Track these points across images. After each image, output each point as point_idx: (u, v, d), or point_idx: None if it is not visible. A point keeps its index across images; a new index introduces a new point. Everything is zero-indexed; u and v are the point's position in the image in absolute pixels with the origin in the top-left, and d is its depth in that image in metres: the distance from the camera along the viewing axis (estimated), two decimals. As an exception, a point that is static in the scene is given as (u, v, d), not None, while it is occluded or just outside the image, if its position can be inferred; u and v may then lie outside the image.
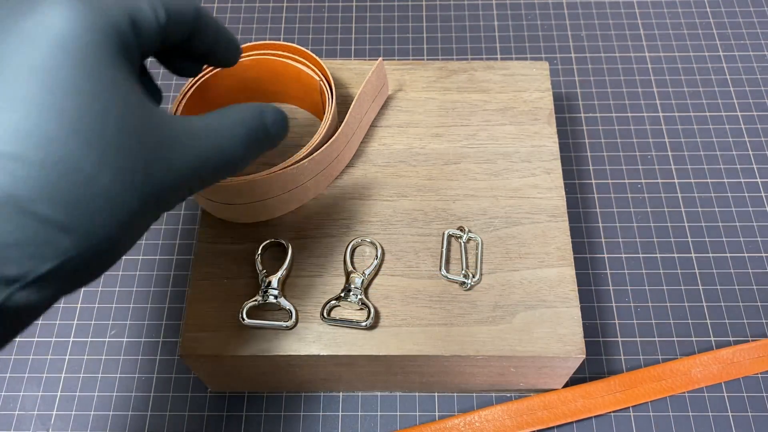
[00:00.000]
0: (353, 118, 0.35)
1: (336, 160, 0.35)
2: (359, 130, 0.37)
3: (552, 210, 0.36)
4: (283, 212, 0.35)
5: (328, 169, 0.35)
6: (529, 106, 0.39)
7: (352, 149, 0.37)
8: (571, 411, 0.36)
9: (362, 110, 0.36)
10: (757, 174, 0.45)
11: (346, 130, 0.35)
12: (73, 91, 0.16)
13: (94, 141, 0.16)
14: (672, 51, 0.51)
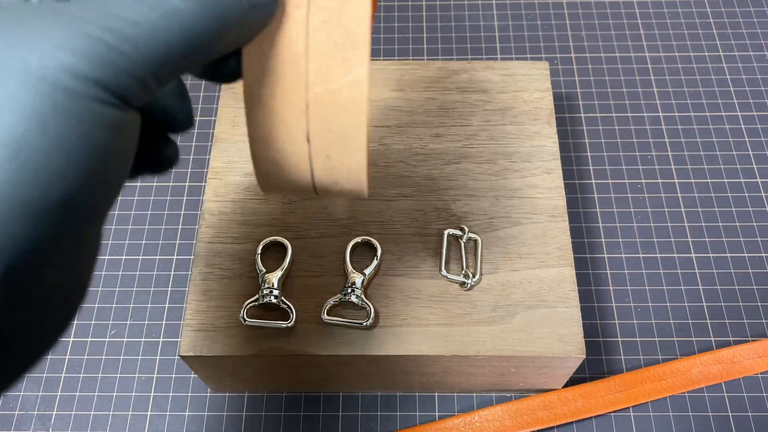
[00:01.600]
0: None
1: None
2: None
3: (552, 210, 0.36)
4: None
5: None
6: (529, 106, 0.39)
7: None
8: (571, 411, 0.36)
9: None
10: (757, 174, 0.45)
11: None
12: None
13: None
14: (672, 51, 0.51)
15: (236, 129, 0.39)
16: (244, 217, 0.36)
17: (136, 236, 0.43)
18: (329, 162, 0.21)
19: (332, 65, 0.19)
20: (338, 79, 0.19)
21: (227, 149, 0.38)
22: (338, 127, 0.20)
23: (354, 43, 0.19)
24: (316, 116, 0.19)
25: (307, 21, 0.19)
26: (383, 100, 0.40)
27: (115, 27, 0.16)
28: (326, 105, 0.19)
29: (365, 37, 0.19)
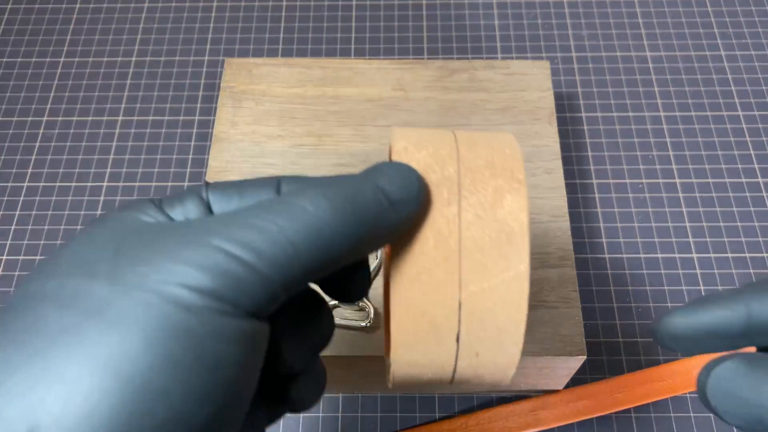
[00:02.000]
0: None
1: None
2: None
3: (553, 210, 0.36)
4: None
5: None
6: (529, 105, 0.39)
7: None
8: (572, 412, 0.36)
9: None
10: (759, 174, 0.45)
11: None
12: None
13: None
14: (673, 50, 0.51)
15: (235, 129, 0.39)
16: (243, 218, 0.36)
17: (135, 236, 0.43)
18: (477, 359, 0.19)
19: (488, 263, 0.18)
20: (495, 276, 0.18)
21: (226, 149, 0.38)
22: (493, 325, 0.18)
23: (511, 239, 0.18)
24: (470, 316, 0.18)
25: (459, 216, 0.18)
26: (383, 99, 0.40)
27: (242, 237, 0.15)
28: (481, 304, 0.18)
29: (524, 231, 0.18)
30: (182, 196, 0.19)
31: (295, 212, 0.16)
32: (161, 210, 0.18)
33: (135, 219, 0.17)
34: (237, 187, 0.19)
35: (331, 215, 0.16)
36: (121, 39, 0.52)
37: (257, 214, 0.16)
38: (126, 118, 0.48)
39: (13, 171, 0.46)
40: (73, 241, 0.17)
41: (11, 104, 0.49)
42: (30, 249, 0.43)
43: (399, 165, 0.18)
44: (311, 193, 0.17)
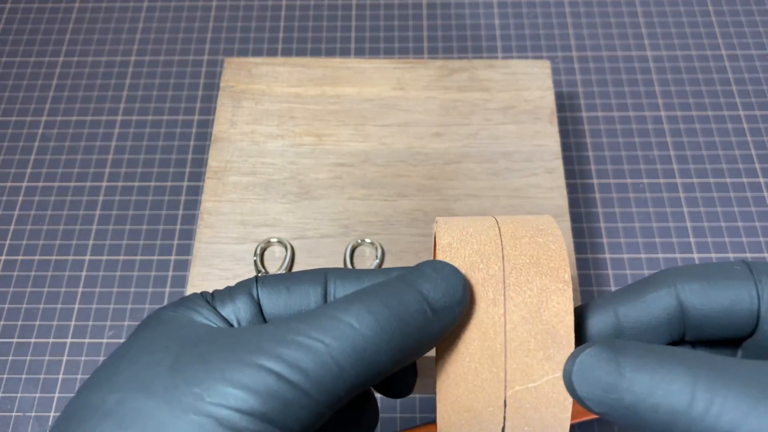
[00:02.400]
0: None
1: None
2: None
3: (554, 210, 0.36)
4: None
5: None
6: (530, 105, 0.39)
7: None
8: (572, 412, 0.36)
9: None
10: (760, 174, 0.45)
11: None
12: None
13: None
14: (674, 49, 0.51)
15: (234, 128, 0.39)
16: (242, 217, 0.36)
17: (133, 237, 0.43)
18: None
19: (533, 363, 0.18)
20: (540, 377, 0.18)
21: (225, 148, 0.38)
22: (539, 422, 0.19)
23: (557, 340, 0.18)
24: (515, 413, 0.19)
25: (504, 317, 0.18)
26: (383, 98, 0.40)
27: (290, 357, 0.16)
28: (526, 402, 0.18)
29: (569, 333, 0.18)
30: (233, 293, 0.20)
31: (342, 330, 0.17)
32: (213, 309, 0.19)
33: (189, 321, 0.18)
34: (285, 282, 0.20)
35: (377, 333, 0.17)
36: (120, 38, 0.52)
37: (305, 331, 0.17)
38: (125, 118, 0.48)
39: (12, 171, 0.46)
40: (131, 348, 0.17)
41: (10, 104, 0.49)
42: (29, 249, 0.43)
43: (443, 268, 0.18)
44: (357, 308, 0.17)
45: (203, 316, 0.19)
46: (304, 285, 0.20)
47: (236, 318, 0.19)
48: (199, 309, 0.19)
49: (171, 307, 0.19)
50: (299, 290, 0.20)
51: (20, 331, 0.40)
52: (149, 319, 0.19)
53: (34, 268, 0.42)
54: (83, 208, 0.44)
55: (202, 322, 0.18)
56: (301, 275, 0.20)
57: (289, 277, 0.20)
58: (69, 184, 0.45)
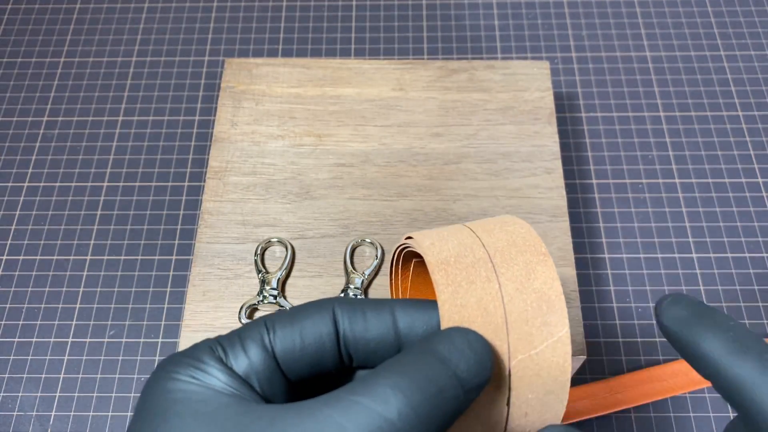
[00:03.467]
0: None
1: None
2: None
3: (553, 210, 0.36)
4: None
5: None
6: (529, 105, 0.39)
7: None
8: (572, 412, 0.36)
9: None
10: (759, 174, 0.45)
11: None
12: None
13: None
14: (673, 50, 0.51)
15: (235, 129, 0.39)
16: (243, 217, 0.36)
17: (134, 236, 0.43)
18: (525, 419, 0.20)
19: (533, 331, 0.19)
20: (540, 343, 0.19)
21: (226, 149, 0.38)
22: (541, 388, 0.19)
23: (551, 306, 0.19)
24: (519, 381, 0.19)
25: (500, 292, 0.19)
26: (383, 99, 0.40)
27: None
28: (529, 369, 0.19)
29: (560, 297, 0.19)
30: (246, 345, 0.19)
31: (383, 427, 0.16)
32: (228, 369, 0.18)
33: (206, 398, 0.17)
34: (295, 325, 0.19)
35: (417, 426, 0.16)
36: (122, 39, 0.52)
37: (332, 422, 0.16)
38: (126, 118, 0.48)
39: (14, 171, 0.46)
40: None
41: (11, 104, 0.49)
42: (30, 249, 0.43)
43: (476, 342, 0.18)
44: (397, 401, 0.16)
45: (221, 381, 0.18)
46: (315, 325, 0.19)
47: (255, 376, 0.18)
48: (215, 372, 0.18)
49: (185, 368, 0.18)
50: (310, 331, 0.19)
51: (21, 330, 0.40)
52: (172, 393, 0.17)
53: (36, 268, 0.42)
54: (84, 208, 0.44)
55: (230, 398, 0.17)
56: (307, 312, 0.20)
57: (298, 320, 0.19)
58: (70, 184, 0.45)
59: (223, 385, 0.18)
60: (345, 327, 0.20)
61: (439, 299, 0.19)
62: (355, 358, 0.20)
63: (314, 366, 0.20)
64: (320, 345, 0.19)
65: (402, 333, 0.20)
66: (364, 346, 0.20)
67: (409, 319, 0.20)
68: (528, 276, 0.20)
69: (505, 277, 0.20)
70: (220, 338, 0.19)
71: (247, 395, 0.18)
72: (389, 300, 0.21)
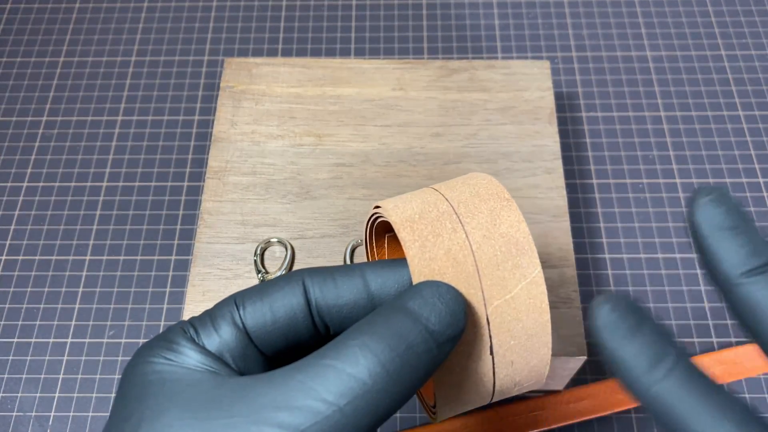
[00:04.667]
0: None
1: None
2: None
3: (553, 210, 0.36)
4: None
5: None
6: (530, 105, 0.39)
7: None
8: (572, 412, 0.36)
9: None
10: (759, 174, 0.45)
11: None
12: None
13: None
14: (673, 50, 0.51)
15: (234, 128, 0.39)
16: (243, 217, 0.36)
17: (134, 236, 0.43)
18: (512, 367, 0.20)
19: (505, 275, 0.19)
20: (515, 286, 0.19)
21: (226, 149, 0.38)
22: (522, 332, 0.19)
23: (520, 248, 0.19)
24: (498, 328, 0.19)
25: (468, 240, 0.19)
26: (383, 99, 0.40)
27: (291, 422, 0.15)
28: (507, 315, 0.19)
29: (528, 239, 0.19)
30: (217, 323, 0.19)
31: (354, 389, 0.16)
32: (200, 348, 0.18)
33: (180, 377, 0.17)
34: (266, 300, 0.19)
35: (389, 384, 0.16)
36: (121, 38, 0.52)
37: (303, 387, 0.16)
38: (125, 118, 0.48)
39: (13, 171, 0.46)
40: (143, 424, 0.17)
41: (10, 104, 0.49)
42: (29, 249, 0.43)
43: (447, 294, 0.18)
44: (367, 360, 0.16)
45: (194, 360, 0.18)
46: (285, 298, 0.19)
47: (228, 353, 0.19)
48: (187, 351, 0.18)
49: (160, 350, 0.18)
50: (281, 305, 0.19)
51: (21, 330, 0.40)
52: (147, 375, 0.18)
53: (35, 268, 0.42)
54: (84, 208, 0.44)
55: (201, 373, 0.17)
56: (279, 289, 0.20)
57: (268, 294, 0.19)
58: (69, 184, 0.45)
59: (197, 363, 0.18)
60: (317, 296, 0.20)
61: (408, 255, 0.19)
62: (331, 326, 0.20)
63: (289, 338, 0.20)
64: (292, 317, 0.19)
65: (375, 295, 0.20)
66: (338, 312, 0.20)
67: (381, 280, 0.20)
68: (494, 222, 0.20)
69: (470, 226, 0.19)
70: (192, 319, 0.19)
71: (221, 370, 0.18)
72: (359, 264, 0.21)
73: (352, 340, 0.17)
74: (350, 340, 0.17)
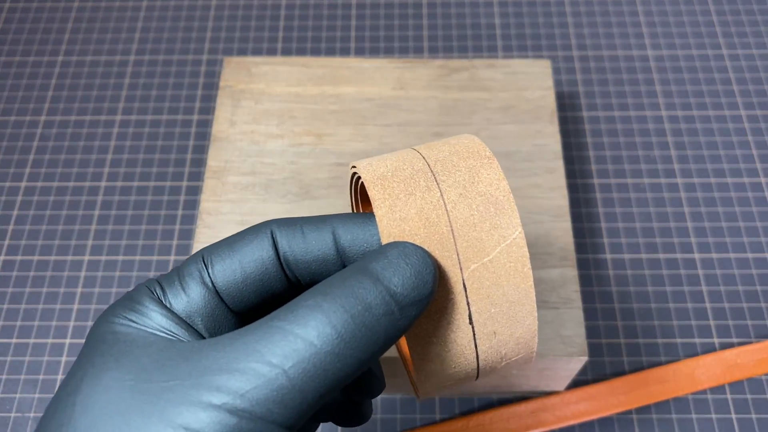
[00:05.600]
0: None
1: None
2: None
3: (554, 210, 0.36)
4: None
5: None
6: (531, 104, 0.39)
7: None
8: (573, 413, 0.36)
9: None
10: (761, 173, 0.45)
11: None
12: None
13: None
14: (674, 49, 0.51)
15: (234, 128, 0.39)
16: (242, 217, 0.36)
17: (132, 237, 0.43)
18: (495, 338, 0.18)
19: (482, 236, 0.18)
20: (493, 249, 0.18)
21: (225, 148, 0.38)
22: (503, 299, 0.18)
23: (499, 208, 0.18)
24: (477, 294, 0.18)
25: (442, 199, 0.18)
26: (383, 98, 0.39)
27: (244, 388, 0.15)
28: (485, 279, 0.18)
29: (508, 197, 0.18)
30: (185, 283, 0.18)
31: (301, 351, 0.15)
32: (167, 309, 0.18)
33: (142, 338, 0.17)
34: (235, 256, 0.19)
35: (341, 348, 0.15)
36: (119, 37, 0.52)
37: (259, 354, 0.15)
38: (124, 117, 0.48)
39: (11, 170, 0.46)
40: (83, 384, 0.16)
41: (9, 103, 0.49)
42: (27, 249, 0.43)
43: (413, 254, 0.17)
44: (317, 321, 0.15)
45: (157, 323, 0.17)
46: (253, 250, 0.19)
47: (197, 314, 0.18)
48: (152, 313, 0.18)
49: (123, 311, 0.18)
50: (250, 258, 0.19)
51: (19, 331, 0.40)
52: (103, 335, 0.17)
53: (33, 268, 0.42)
54: (82, 207, 0.44)
55: (156, 337, 0.17)
56: (247, 243, 0.19)
57: (237, 249, 0.19)
58: (68, 184, 0.45)
59: (156, 326, 0.17)
60: (284, 249, 0.19)
61: (377, 215, 0.18)
62: (301, 279, 0.19)
63: (262, 292, 0.19)
64: (263, 271, 0.19)
65: (345, 251, 0.19)
66: (306, 268, 0.19)
67: (350, 237, 0.19)
68: (472, 180, 0.18)
69: (446, 185, 0.18)
70: (160, 278, 0.19)
71: (182, 334, 0.17)
72: (330, 216, 0.19)
73: (305, 301, 0.16)
74: (303, 301, 0.16)
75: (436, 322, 0.18)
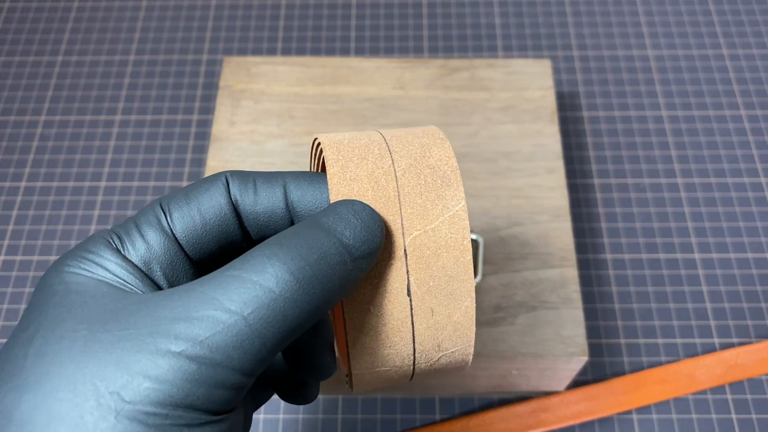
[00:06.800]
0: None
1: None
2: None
3: (554, 210, 0.36)
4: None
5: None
6: (531, 104, 0.39)
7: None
8: (573, 413, 0.36)
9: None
10: (761, 173, 0.45)
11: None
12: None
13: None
14: (675, 49, 0.51)
15: (234, 128, 0.39)
16: (242, 218, 0.36)
17: (133, 236, 0.43)
18: (433, 318, 0.19)
19: (427, 204, 0.18)
20: (436, 218, 0.18)
21: (225, 148, 0.38)
22: (441, 271, 0.18)
23: (445, 180, 0.19)
24: (417, 263, 0.18)
25: (393, 167, 0.19)
26: (383, 98, 0.39)
27: (203, 335, 0.15)
28: (426, 248, 0.18)
29: (455, 172, 0.19)
30: (142, 228, 0.18)
31: (260, 297, 0.15)
32: (123, 259, 0.18)
33: (96, 287, 0.17)
34: (192, 203, 0.19)
35: (298, 294, 0.16)
36: (119, 37, 0.52)
37: (217, 301, 0.15)
38: (124, 117, 0.48)
39: (11, 170, 0.46)
40: (38, 334, 0.16)
41: (8, 103, 0.49)
42: (27, 249, 0.43)
43: (362, 212, 0.17)
44: (276, 269, 0.16)
45: (112, 273, 0.17)
46: (213, 199, 0.19)
47: (155, 262, 0.18)
48: (107, 263, 0.17)
49: (76, 260, 0.17)
50: (211, 209, 0.19)
51: (18, 331, 0.40)
52: (54, 285, 0.17)
53: (33, 269, 0.42)
54: (82, 207, 0.44)
55: (110, 287, 0.17)
56: (204, 190, 0.19)
57: (194, 196, 0.19)
58: (67, 184, 0.45)
59: (112, 276, 0.17)
60: (236, 197, 0.19)
61: (329, 173, 0.18)
62: (251, 232, 0.20)
63: (221, 241, 0.19)
64: (222, 219, 0.19)
65: (294, 207, 0.19)
66: (255, 219, 0.19)
67: (300, 193, 0.19)
68: (423, 154, 0.19)
69: (398, 155, 0.19)
70: (115, 227, 0.19)
71: (138, 285, 0.17)
72: (284, 172, 0.20)
73: (260, 251, 0.16)
74: (258, 251, 0.16)
75: (375, 287, 0.18)
